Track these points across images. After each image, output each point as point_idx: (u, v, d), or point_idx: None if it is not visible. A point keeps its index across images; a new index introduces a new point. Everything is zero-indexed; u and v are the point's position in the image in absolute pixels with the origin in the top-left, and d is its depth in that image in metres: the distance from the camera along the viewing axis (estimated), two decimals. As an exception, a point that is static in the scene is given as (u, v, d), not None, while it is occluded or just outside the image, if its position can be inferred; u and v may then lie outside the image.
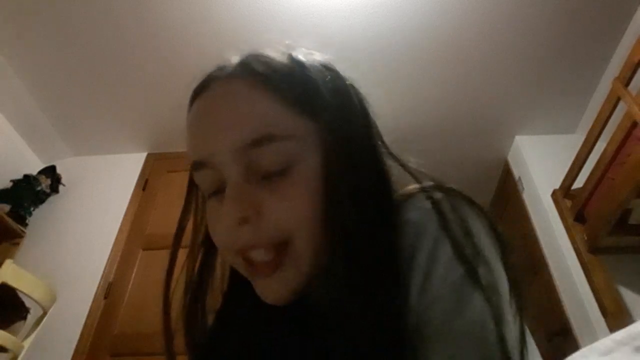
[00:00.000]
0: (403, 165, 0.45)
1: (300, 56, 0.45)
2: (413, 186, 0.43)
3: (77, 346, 1.96)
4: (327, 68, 0.46)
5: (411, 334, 0.35)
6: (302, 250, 0.39)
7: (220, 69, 0.46)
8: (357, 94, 0.47)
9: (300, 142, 0.40)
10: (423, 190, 0.41)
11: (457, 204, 0.39)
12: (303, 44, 0.48)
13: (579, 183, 2.06)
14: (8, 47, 2.13)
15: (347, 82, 0.46)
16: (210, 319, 0.49)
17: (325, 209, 0.39)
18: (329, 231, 0.39)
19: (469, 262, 0.36)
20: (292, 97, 0.41)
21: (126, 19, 2.01)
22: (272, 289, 0.40)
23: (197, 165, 0.42)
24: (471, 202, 0.41)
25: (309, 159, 0.40)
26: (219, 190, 0.41)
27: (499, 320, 0.34)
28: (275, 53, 0.45)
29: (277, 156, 0.39)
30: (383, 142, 0.46)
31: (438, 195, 0.40)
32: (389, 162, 0.45)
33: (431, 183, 0.43)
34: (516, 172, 2.68)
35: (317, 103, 0.42)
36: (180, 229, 0.50)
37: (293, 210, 0.39)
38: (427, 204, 0.39)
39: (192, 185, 0.48)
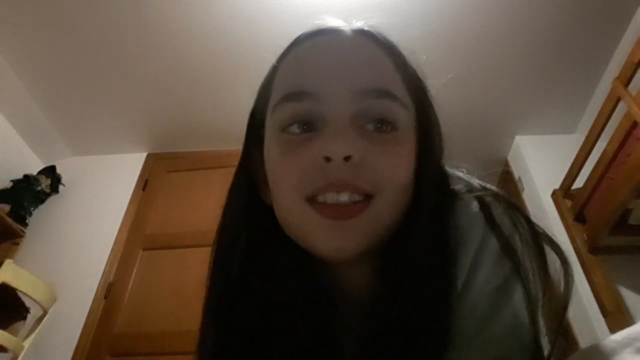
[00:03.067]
0: (454, 168, 0.47)
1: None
2: (460, 187, 0.44)
3: (77, 346, 1.97)
4: None
5: (450, 334, 0.36)
6: (383, 209, 0.38)
7: (340, 25, 0.45)
8: None
9: (410, 117, 0.42)
10: (470, 192, 0.42)
11: (505, 208, 0.40)
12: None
13: (579, 183, 2.06)
14: (8, 47, 2.13)
15: None
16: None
17: (413, 181, 0.41)
18: (412, 204, 0.40)
19: (514, 266, 0.36)
20: (407, 77, 0.43)
21: (126, 19, 2.01)
22: (343, 236, 0.37)
23: (299, 96, 0.40)
24: (516, 207, 0.42)
25: (410, 133, 0.42)
26: (306, 125, 0.39)
27: (535, 323, 0.35)
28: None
29: (390, 114, 0.40)
30: None
31: (487, 199, 0.41)
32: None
33: (478, 185, 0.44)
34: (516, 172, 2.68)
35: (421, 91, 0.45)
36: (237, 186, 0.47)
37: (394, 167, 0.39)
38: (475, 207, 0.40)
39: (249, 146, 0.47)
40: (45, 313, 2.04)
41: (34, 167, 2.51)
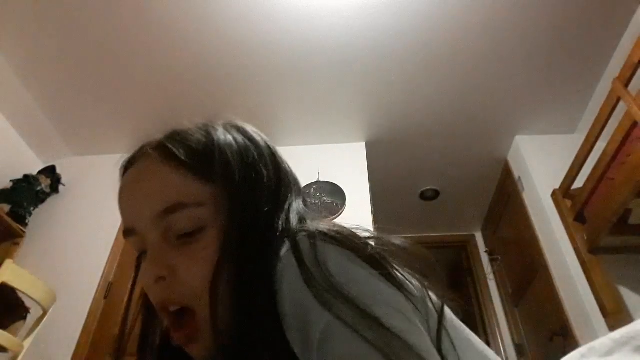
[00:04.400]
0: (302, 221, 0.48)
1: (217, 131, 0.51)
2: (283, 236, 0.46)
3: (77, 346, 1.97)
4: (246, 139, 0.51)
5: None
6: (205, 318, 0.42)
7: (142, 148, 0.51)
8: (273, 160, 0.52)
9: (210, 208, 0.45)
10: (289, 236, 0.44)
11: (313, 240, 0.40)
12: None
13: (579, 183, 2.06)
14: (9, 47, 2.13)
15: (265, 150, 0.51)
16: None
17: (228, 271, 0.42)
18: (231, 296, 0.41)
19: (328, 292, 0.35)
20: (200, 169, 0.47)
21: (127, 21, 2.01)
22: (188, 345, 0.44)
23: (127, 232, 0.48)
24: (328, 236, 0.41)
25: (219, 221, 0.45)
26: (145, 253, 0.47)
27: (393, 340, 0.32)
28: (194, 129, 0.51)
29: (189, 221, 0.44)
30: (294, 199, 0.50)
31: (298, 237, 0.41)
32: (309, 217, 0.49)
33: (304, 228, 0.44)
34: (516, 172, 2.68)
35: (223, 172, 0.47)
36: (133, 288, 0.55)
37: (201, 272, 0.43)
38: (287, 248, 0.42)
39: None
40: (45, 313, 2.04)
41: (34, 167, 2.51)
